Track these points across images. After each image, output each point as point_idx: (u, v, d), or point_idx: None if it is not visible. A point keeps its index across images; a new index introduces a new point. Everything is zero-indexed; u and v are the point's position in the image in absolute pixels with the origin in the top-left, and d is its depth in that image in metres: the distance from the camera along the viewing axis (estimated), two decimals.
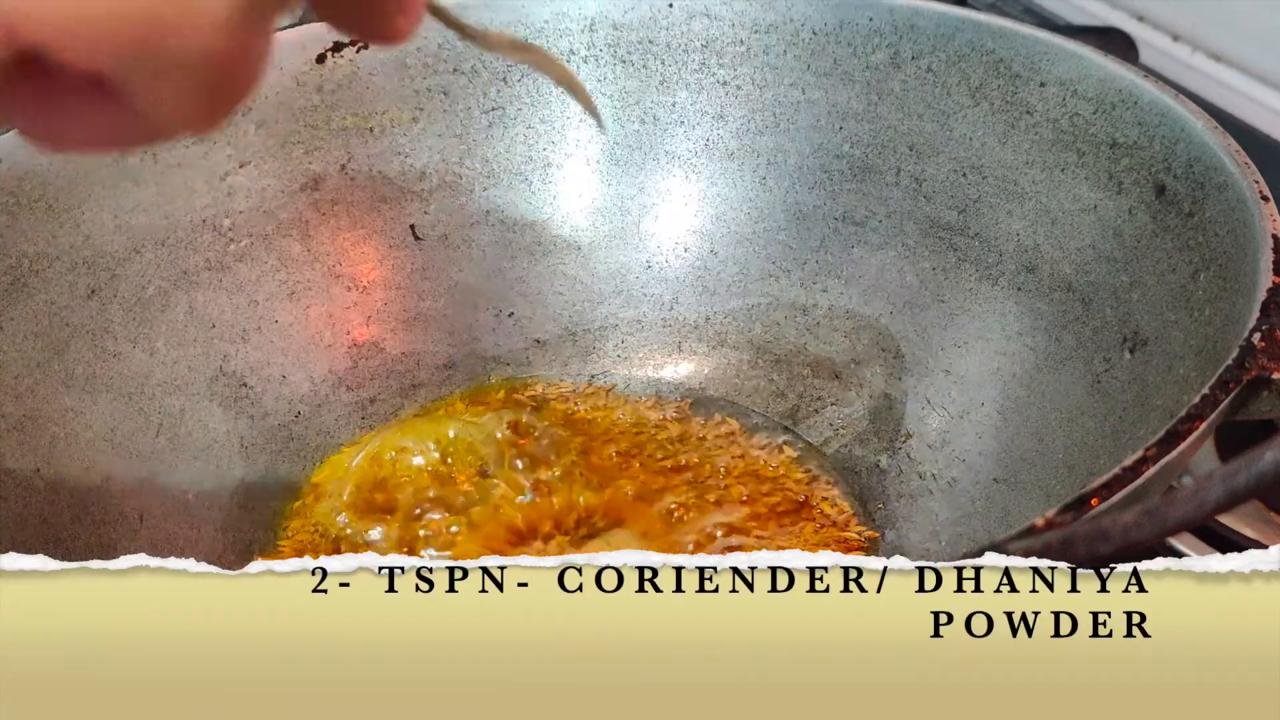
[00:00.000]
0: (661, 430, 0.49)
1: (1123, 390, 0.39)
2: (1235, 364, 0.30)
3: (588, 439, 0.48)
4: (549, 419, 0.49)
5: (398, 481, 0.46)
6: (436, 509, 0.45)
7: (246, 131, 0.49)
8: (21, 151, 0.43)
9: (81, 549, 0.40)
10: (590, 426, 0.49)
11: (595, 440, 0.48)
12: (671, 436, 0.48)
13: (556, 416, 0.49)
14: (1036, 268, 0.44)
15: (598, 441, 0.48)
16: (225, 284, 0.48)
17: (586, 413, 0.50)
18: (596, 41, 0.52)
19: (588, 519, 0.45)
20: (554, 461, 0.47)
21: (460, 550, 0.43)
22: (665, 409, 0.50)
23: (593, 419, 0.49)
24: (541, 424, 0.49)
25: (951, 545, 0.43)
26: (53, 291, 0.43)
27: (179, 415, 0.46)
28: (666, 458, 0.47)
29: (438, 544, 0.44)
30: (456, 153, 0.52)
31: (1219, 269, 0.36)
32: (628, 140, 0.53)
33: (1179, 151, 0.39)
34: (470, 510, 0.45)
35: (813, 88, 0.50)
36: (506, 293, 0.53)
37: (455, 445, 0.47)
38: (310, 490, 0.47)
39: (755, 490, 0.46)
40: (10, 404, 0.41)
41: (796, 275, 0.51)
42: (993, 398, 0.44)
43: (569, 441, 0.48)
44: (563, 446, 0.48)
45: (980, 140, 0.46)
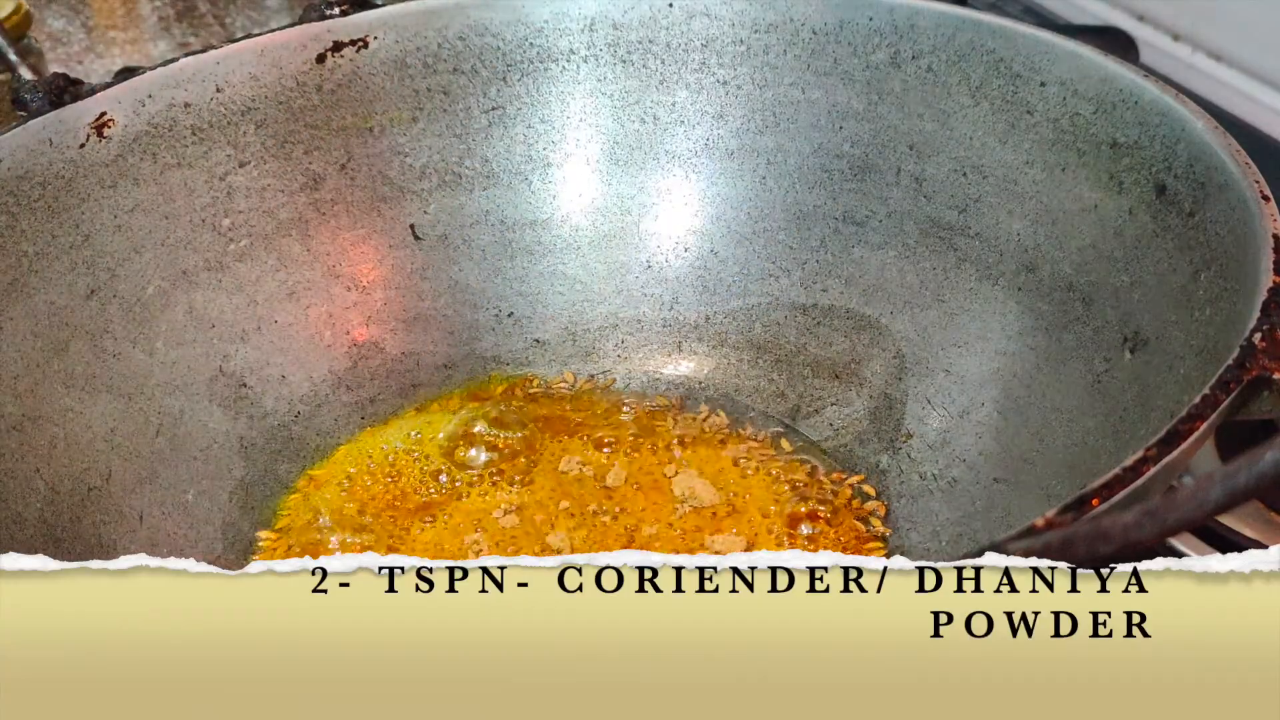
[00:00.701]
0: (661, 426, 0.49)
1: (1123, 390, 0.39)
2: (1236, 364, 0.30)
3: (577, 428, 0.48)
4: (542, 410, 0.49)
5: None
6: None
7: (246, 131, 0.49)
8: (22, 151, 0.43)
9: (81, 549, 0.40)
10: (584, 422, 0.49)
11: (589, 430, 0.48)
12: (671, 434, 0.48)
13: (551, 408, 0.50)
14: (1037, 267, 0.44)
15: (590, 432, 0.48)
16: (225, 284, 0.48)
17: (576, 411, 0.50)
18: (596, 41, 0.52)
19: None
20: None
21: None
22: (665, 407, 0.50)
23: (584, 416, 0.50)
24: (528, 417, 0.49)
25: (951, 545, 0.42)
26: (52, 291, 0.43)
27: (178, 415, 0.46)
28: (666, 454, 0.47)
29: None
30: (456, 152, 0.52)
31: (1220, 269, 0.36)
32: (628, 140, 0.53)
33: (1179, 151, 0.39)
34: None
35: (813, 87, 0.50)
36: (506, 292, 0.53)
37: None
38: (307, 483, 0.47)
39: (755, 489, 0.46)
40: (10, 404, 0.41)
41: (796, 275, 0.51)
42: (993, 398, 0.44)
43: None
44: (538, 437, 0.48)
45: (980, 140, 0.46)
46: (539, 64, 0.52)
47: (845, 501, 0.45)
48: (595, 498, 0.45)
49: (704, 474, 0.46)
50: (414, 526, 0.45)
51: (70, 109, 0.44)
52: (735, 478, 0.46)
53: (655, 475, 0.46)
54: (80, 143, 0.45)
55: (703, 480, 0.46)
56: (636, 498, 0.45)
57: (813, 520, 0.44)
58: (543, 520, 0.44)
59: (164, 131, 0.47)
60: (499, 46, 0.51)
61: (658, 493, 0.46)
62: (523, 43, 0.52)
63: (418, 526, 0.44)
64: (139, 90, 0.46)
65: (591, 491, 0.46)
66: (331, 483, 0.47)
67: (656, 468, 0.47)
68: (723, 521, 0.44)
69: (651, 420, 0.49)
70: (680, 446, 0.48)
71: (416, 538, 0.44)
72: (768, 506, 0.45)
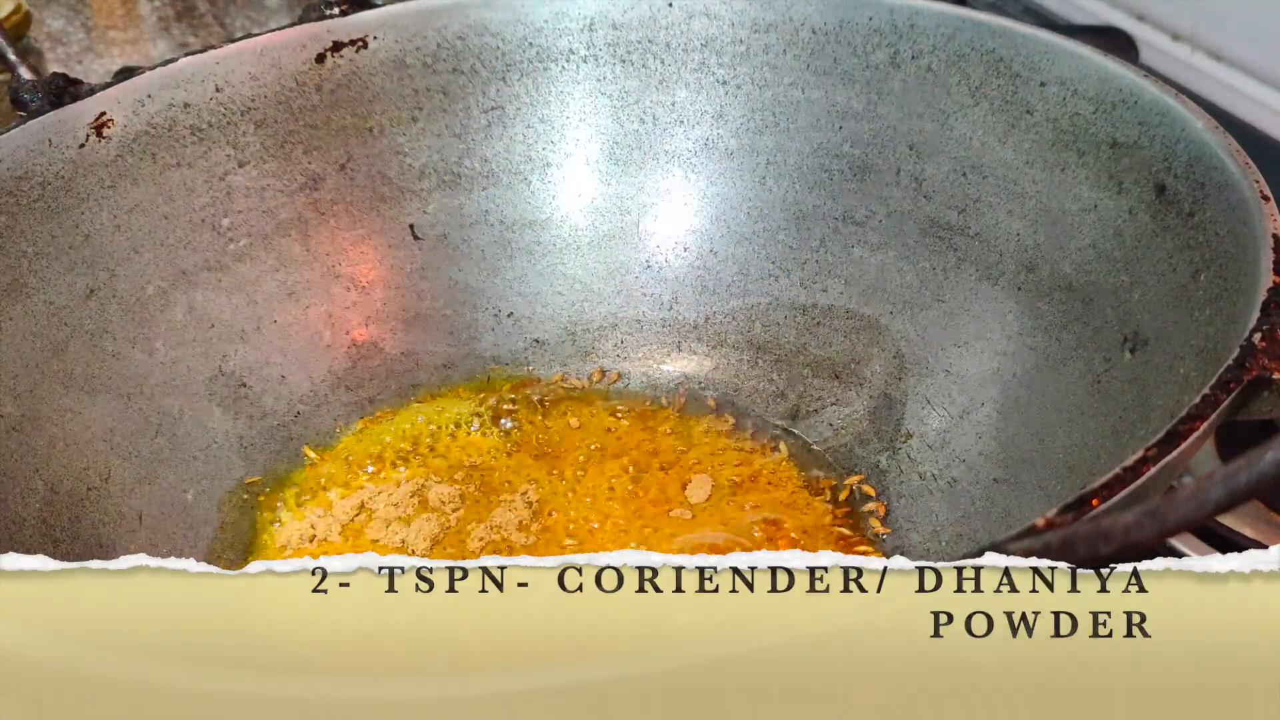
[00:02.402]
0: (661, 424, 0.49)
1: (1123, 390, 0.39)
2: (1236, 364, 0.30)
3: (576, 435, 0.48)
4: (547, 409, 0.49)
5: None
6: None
7: (246, 131, 0.49)
8: (21, 151, 0.43)
9: (81, 549, 0.40)
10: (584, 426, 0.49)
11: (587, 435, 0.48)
12: (671, 434, 0.48)
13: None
14: (1036, 267, 0.44)
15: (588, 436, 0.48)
16: (224, 284, 0.48)
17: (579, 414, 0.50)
18: (596, 41, 0.52)
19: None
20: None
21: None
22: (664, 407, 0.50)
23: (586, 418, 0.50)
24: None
25: (951, 545, 0.42)
26: (52, 291, 0.43)
27: (178, 415, 0.46)
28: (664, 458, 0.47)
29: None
30: (455, 152, 0.52)
31: (1219, 269, 0.36)
32: (627, 140, 0.53)
33: (1179, 151, 0.39)
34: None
35: (812, 87, 0.50)
36: (505, 292, 0.53)
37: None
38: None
39: (754, 489, 0.46)
40: (10, 404, 0.40)
41: (796, 275, 0.51)
42: (993, 398, 0.44)
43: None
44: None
45: (980, 140, 0.46)
46: (538, 64, 0.52)
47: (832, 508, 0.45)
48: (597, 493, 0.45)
49: (702, 473, 0.46)
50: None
51: (70, 109, 0.44)
52: (732, 478, 0.46)
53: (651, 474, 0.46)
54: (80, 143, 0.45)
55: (701, 478, 0.46)
56: (636, 494, 0.45)
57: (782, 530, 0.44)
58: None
59: (163, 131, 0.47)
60: (498, 46, 0.51)
61: (657, 490, 0.46)
62: (522, 42, 0.52)
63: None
64: (138, 90, 0.46)
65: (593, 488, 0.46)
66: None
67: (657, 469, 0.47)
68: (712, 519, 0.44)
69: (651, 419, 0.49)
70: (679, 446, 0.48)
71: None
72: (759, 505, 0.45)
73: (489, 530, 0.44)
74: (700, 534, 0.44)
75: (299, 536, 0.44)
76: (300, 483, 0.47)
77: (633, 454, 0.48)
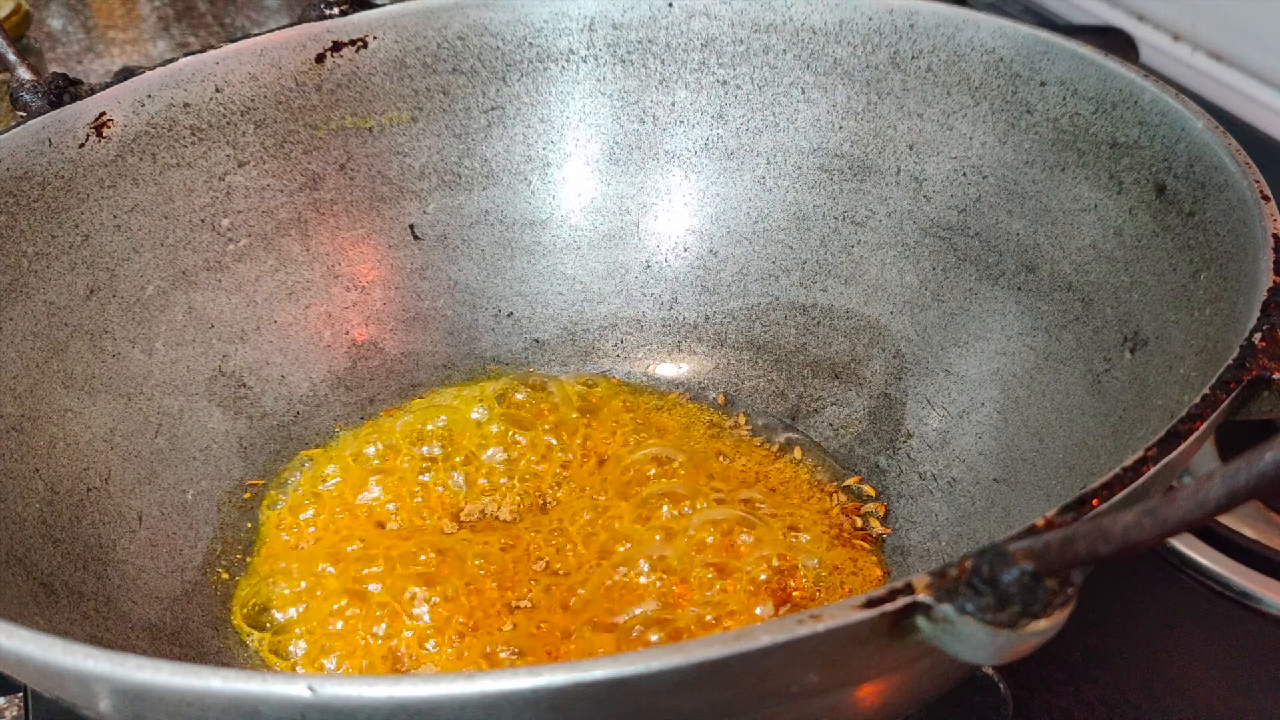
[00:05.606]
0: (661, 423, 0.49)
1: (1123, 390, 0.39)
2: (1236, 364, 0.30)
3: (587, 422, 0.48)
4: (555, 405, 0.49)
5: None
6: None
7: (246, 131, 0.49)
8: (21, 151, 0.43)
9: (81, 549, 0.40)
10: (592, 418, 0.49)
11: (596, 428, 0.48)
12: (670, 434, 0.48)
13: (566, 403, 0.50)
14: (1036, 267, 0.44)
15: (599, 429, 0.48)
16: (224, 284, 0.48)
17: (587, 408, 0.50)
18: (596, 41, 0.52)
19: None
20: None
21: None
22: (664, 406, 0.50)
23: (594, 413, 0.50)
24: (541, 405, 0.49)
25: (951, 545, 0.42)
26: (52, 291, 0.43)
27: (178, 415, 0.46)
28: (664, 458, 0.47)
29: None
30: (456, 152, 0.52)
31: (1219, 269, 0.36)
32: (627, 140, 0.53)
33: (1179, 151, 0.39)
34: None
35: (812, 87, 0.50)
36: (505, 292, 0.53)
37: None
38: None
39: (754, 488, 0.46)
40: (10, 404, 0.40)
41: (796, 275, 0.51)
42: (993, 398, 0.44)
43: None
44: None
45: (980, 140, 0.46)
46: (538, 64, 0.52)
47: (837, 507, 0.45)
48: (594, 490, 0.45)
49: (700, 472, 0.46)
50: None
51: (69, 109, 0.44)
52: (726, 474, 0.46)
53: (645, 474, 0.46)
54: (80, 143, 0.45)
55: (696, 474, 0.46)
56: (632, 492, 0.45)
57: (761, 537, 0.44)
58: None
59: (163, 131, 0.47)
60: (499, 46, 0.51)
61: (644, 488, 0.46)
62: (522, 43, 0.52)
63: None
64: (138, 90, 0.46)
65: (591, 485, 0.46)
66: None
67: (655, 467, 0.47)
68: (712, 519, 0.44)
69: (651, 419, 0.49)
70: (679, 445, 0.48)
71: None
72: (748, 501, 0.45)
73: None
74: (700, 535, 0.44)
75: (299, 536, 0.44)
76: (300, 483, 0.47)
77: (634, 453, 0.48)
